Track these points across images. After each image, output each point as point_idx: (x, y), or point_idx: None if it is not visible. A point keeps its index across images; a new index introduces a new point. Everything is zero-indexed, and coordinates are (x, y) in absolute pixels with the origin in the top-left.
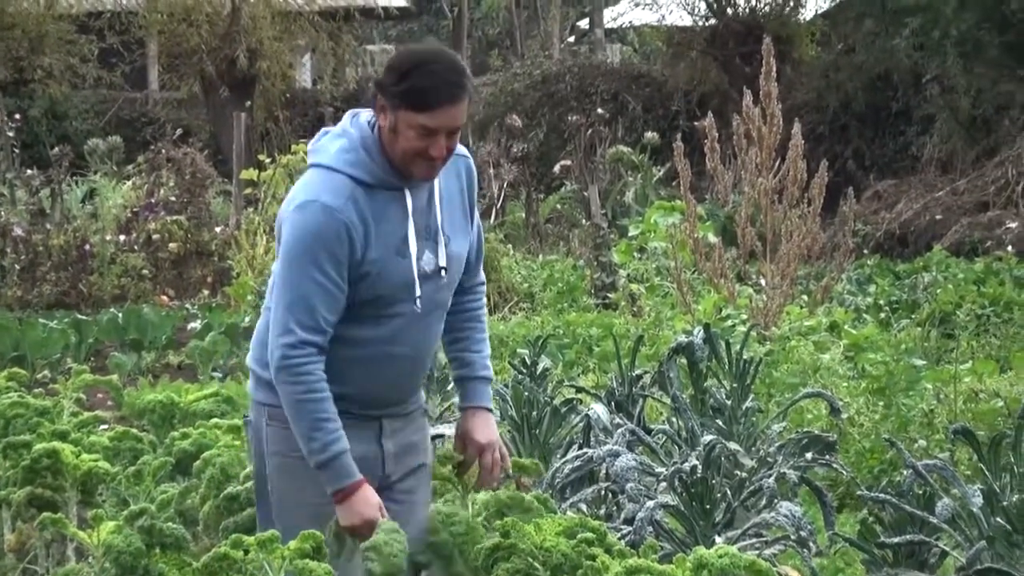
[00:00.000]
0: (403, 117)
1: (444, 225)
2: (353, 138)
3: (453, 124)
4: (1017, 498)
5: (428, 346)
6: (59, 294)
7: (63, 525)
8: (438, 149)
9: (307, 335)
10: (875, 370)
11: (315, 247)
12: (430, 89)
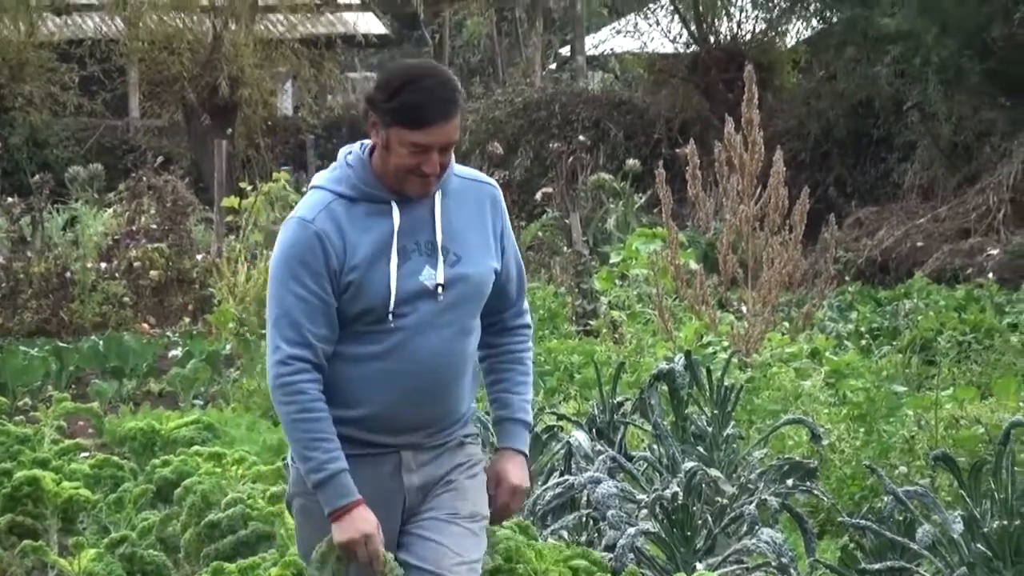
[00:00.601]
0: (395, 134)
1: (448, 243)
2: (342, 159)
3: (446, 140)
4: (998, 524)
5: (439, 367)
6: (40, 321)
7: (44, 553)
8: (431, 165)
9: (294, 350)
10: (856, 397)
11: (292, 261)
12: (423, 106)
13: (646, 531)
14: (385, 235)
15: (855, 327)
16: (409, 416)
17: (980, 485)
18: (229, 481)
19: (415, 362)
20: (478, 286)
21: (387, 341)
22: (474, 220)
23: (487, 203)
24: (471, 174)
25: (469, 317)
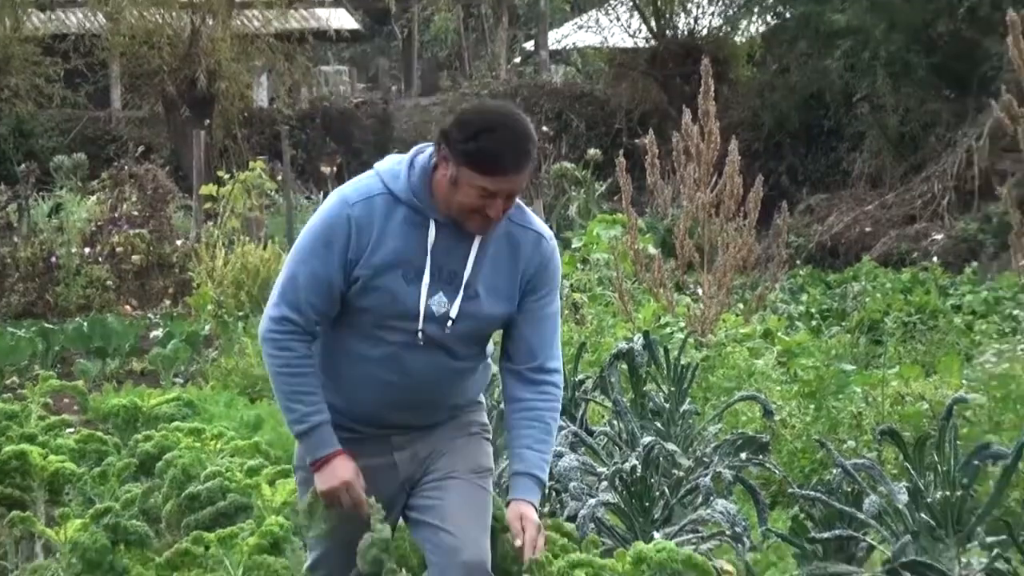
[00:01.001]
0: (466, 174)
1: (473, 279)
2: (407, 159)
3: (513, 189)
4: (940, 495)
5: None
6: (26, 304)
7: (31, 523)
8: (495, 210)
9: (288, 312)
10: (806, 375)
11: (318, 237)
12: (497, 155)
13: (606, 502)
14: (410, 248)
15: (806, 309)
16: (394, 418)
17: (924, 458)
18: (208, 455)
19: (403, 375)
20: (485, 326)
21: (381, 350)
22: (507, 265)
23: (531, 253)
24: (532, 223)
25: (465, 346)
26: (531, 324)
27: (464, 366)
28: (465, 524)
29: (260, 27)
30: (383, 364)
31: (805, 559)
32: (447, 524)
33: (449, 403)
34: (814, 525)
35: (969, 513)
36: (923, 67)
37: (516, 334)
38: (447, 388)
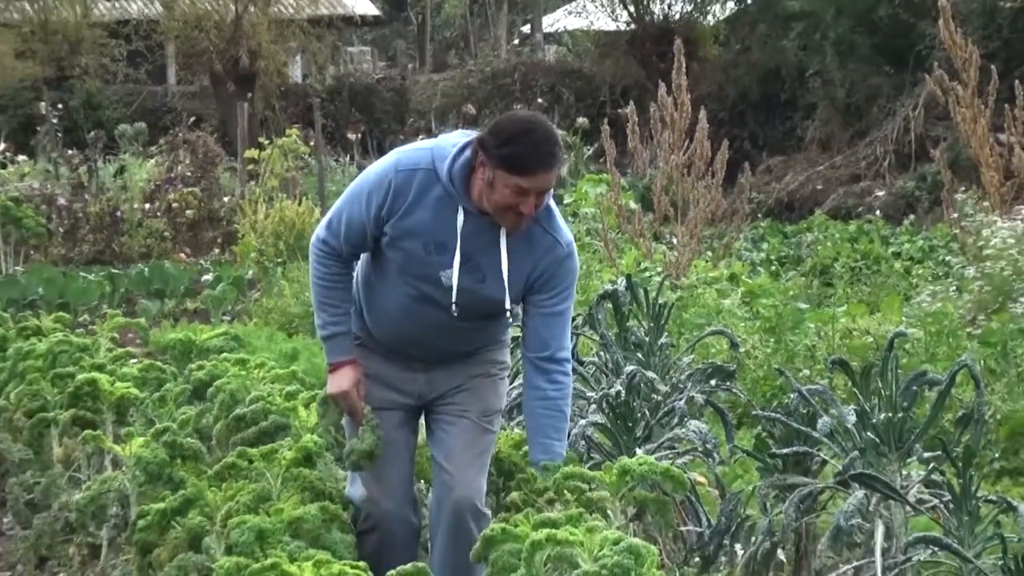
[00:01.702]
0: (501, 176)
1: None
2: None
3: (544, 187)
4: (884, 416)
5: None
6: (96, 252)
7: (101, 441)
8: (528, 207)
9: (329, 238)
10: (767, 312)
11: (365, 188)
12: (529, 156)
13: (595, 423)
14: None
15: (766, 256)
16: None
17: (869, 385)
18: (252, 382)
19: (415, 323)
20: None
21: (400, 298)
22: (529, 263)
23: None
24: (556, 229)
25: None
26: (544, 319)
27: (469, 326)
28: (463, 464)
29: (294, 13)
30: (400, 309)
31: (767, 472)
32: (448, 463)
33: (457, 350)
34: (774, 442)
35: (909, 432)
36: (866, 46)
37: (531, 326)
38: (452, 340)
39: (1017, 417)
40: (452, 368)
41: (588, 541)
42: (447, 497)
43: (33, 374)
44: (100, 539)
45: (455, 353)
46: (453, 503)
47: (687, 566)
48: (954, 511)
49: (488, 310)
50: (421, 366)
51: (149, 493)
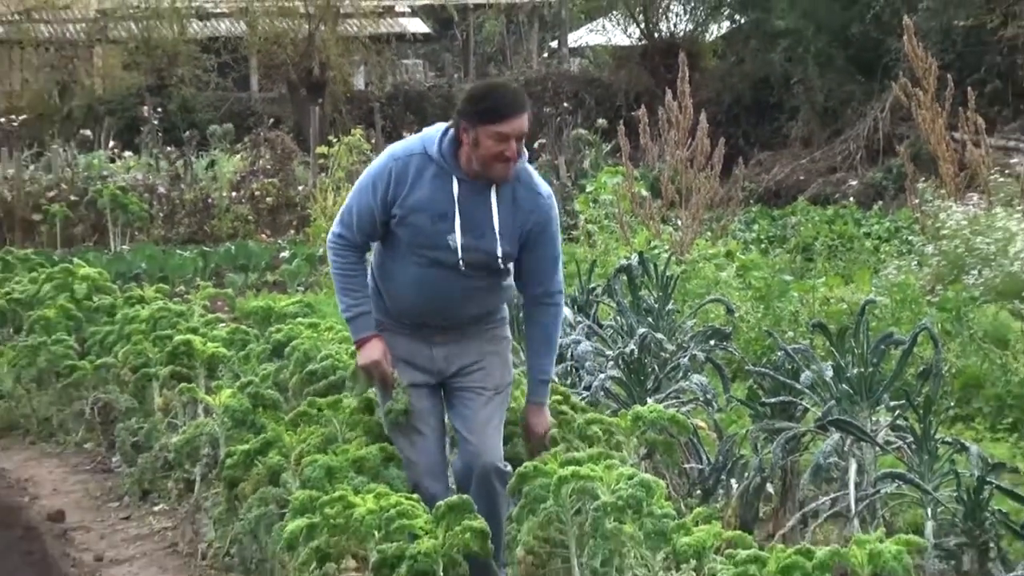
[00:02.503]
0: (483, 130)
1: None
2: (444, 128)
3: (521, 131)
4: (856, 371)
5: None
6: (190, 233)
7: (195, 392)
8: (512, 152)
9: (343, 231)
10: (757, 283)
11: (369, 179)
12: (502, 105)
13: (612, 376)
14: (439, 200)
15: (757, 235)
16: (427, 319)
17: (844, 344)
18: (322, 343)
19: (429, 288)
20: (485, 256)
21: (413, 269)
22: (518, 216)
23: (532, 206)
24: (533, 183)
25: (490, 275)
26: (537, 261)
27: (476, 285)
28: (484, 435)
29: (358, 31)
30: (415, 280)
31: (758, 418)
32: (471, 435)
33: (468, 312)
34: (764, 393)
35: (877, 384)
36: (842, 58)
37: (526, 268)
38: (463, 300)
39: (969, 371)
40: (466, 344)
41: (607, 476)
42: (474, 463)
43: (137, 336)
44: (194, 475)
45: (467, 319)
46: (480, 468)
47: (690, 498)
48: (916, 451)
49: (488, 262)
50: (440, 339)
51: (235, 436)
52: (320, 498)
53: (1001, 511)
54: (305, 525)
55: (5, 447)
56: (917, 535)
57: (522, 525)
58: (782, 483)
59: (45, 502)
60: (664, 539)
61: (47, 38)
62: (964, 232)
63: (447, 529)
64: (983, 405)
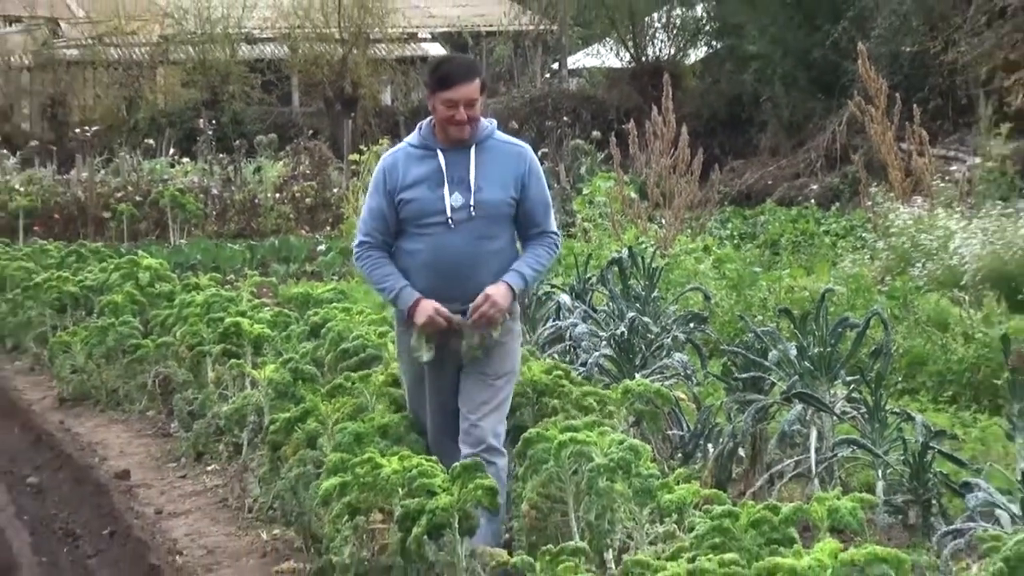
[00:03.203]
0: (437, 97)
1: (477, 179)
2: (420, 125)
3: (468, 97)
4: (817, 351)
5: (463, 258)
6: (239, 229)
7: (243, 367)
8: (460, 115)
9: (364, 237)
10: (731, 274)
11: (373, 184)
12: (449, 74)
13: (605, 354)
14: (430, 172)
15: (730, 232)
16: (446, 290)
17: (806, 327)
18: (354, 324)
19: (445, 255)
20: (495, 207)
21: (427, 241)
22: (500, 167)
23: (515, 158)
24: (510, 140)
25: (489, 227)
26: (532, 205)
27: (485, 245)
28: (483, 415)
29: (386, 55)
30: (428, 250)
31: (731, 391)
32: (472, 415)
33: (481, 278)
34: (736, 369)
35: (835, 362)
36: (805, 79)
37: (522, 214)
38: (474, 262)
39: (914, 351)
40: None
41: (600, 441)
42: (468, 439)
43: (193, 318)
44: (242, 440)
45: (476, 279)
46: (485, 448)
47: (672, 460)
48: (868, 420)
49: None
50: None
51: (278, 406)
52: (351, 459)
53: (942, 472)
54: (338, 483)
55: (78, 414)
56: (869, 493)
57: (526, 483)
58: (752, 448)
59: (113, 463)
60: (650, 496)
61: (116, 60)
62: (910, 230)
63: (461, 487)
64: (926, 380)
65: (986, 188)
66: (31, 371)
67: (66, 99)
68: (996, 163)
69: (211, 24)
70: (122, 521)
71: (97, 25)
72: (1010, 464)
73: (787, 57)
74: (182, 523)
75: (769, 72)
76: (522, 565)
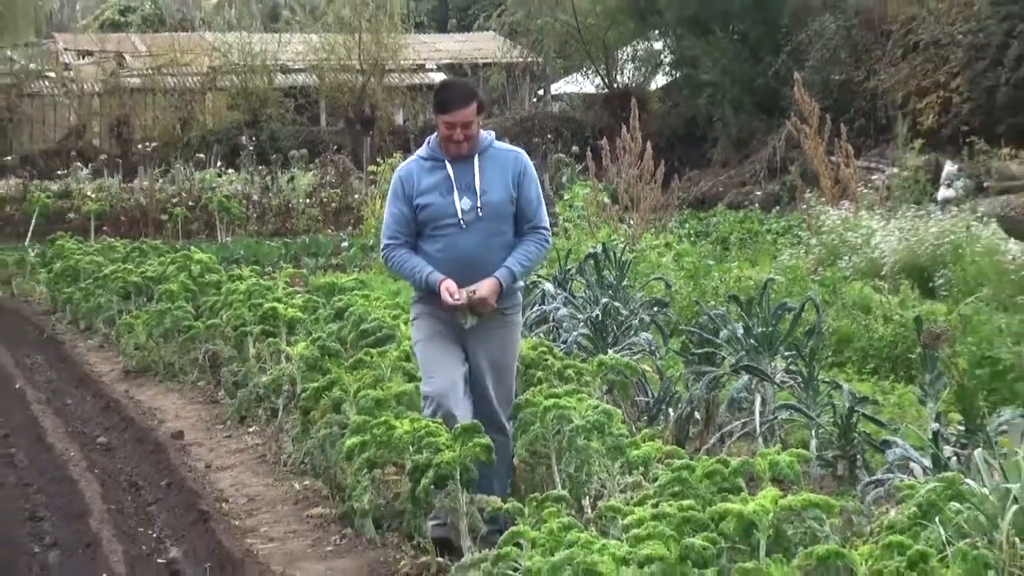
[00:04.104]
0: (438, 118)
1: (481, 184)
2: (428, 139)
3: (464, 120)
4: (760, 330)
5: (475, 255)
6: (275, 229)
7: (279, 345)
8: (457, 135)
9: (388, 240)
10: (688, 266)
11: (392, 193)
12: (445, 100)
13: (582, 333)
14: (441, 180)
15: (688, 231)
16: (461, 279)
17: (751, 310)
18: (372, 309)
19: (460, 252)
20: (497, 207)
21: (443, 241)
22: (500, 171)
23: (512, 162)
24: (506, 147)
25: (496, 225)
26: (526, 203)
27: (493, 240)
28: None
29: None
30: (444, 247)
31: (688, 364)
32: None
33: (490, 268)
34: (693, 346)
35: (775, 340)
36: (750, 103)
37: (519, 210)
38: (486, 256)
39: (842, 331)
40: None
41: (579, 406)
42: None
43: (237, 303)
44: (278, 405)
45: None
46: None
47: (639, 422)
48: (803, 388)
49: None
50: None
51: (308, 377)
52: (370, 422)
53: (865, 432)
54: (359, 441)
55: (140, 384)
56: (804, 450)
57: (517, 442)
58: (706, 412)
59: (169, 425)
60: (620, 452)
61: (172, 87)
62: (838, 229)
63: (462, 444)
64: (852, 355)
65: (902, 194)
66: (101, 348)
67: (130, 120)
68: (910, 173)
69: (252, 57)
70: (177, 474)
71: (156, 58)
72: (922, 425)
73: (735, 84)
74: (227, 476)
75: (720, 97)
76: (513, 510)
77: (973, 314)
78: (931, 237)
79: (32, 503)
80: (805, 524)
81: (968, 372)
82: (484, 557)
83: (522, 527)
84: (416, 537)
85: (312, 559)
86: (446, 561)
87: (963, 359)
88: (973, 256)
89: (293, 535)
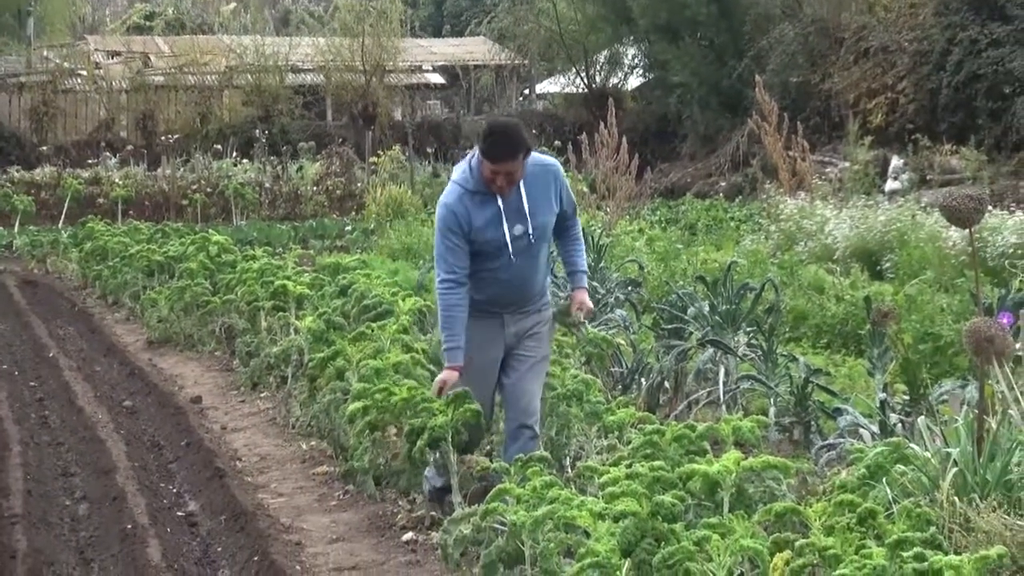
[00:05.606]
0: (484, 161)
1: (530, 208)
2: (465, 166)
3: (508, 171)
4: (724, 308)
5: (526, 276)
6: (286, 213)
7: (288, 318)
8: (500, 182)
9: (445, 275)
10: (659, 250)
11: (442, 227)
12: (492, 151)
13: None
14: (493, 215)
15: (659, 218)
16: (507, 299)
17: (716, 290)
18: (373, 286)
19: (511, 273)
20: (546, 227)
21: (498, 263)
22: (543, 190)
23: (551, 177)
24: (542, 161)
25: (543, 244)
26: (564, 210)
27: (538, 261)
28: (530, 394)
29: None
30: (498, 270)
31: (659, 338)
32: (521, 397)
33: (533, 289)
34: (663, 321)
35: (738, 317)
36: (716, 102)
37: (560, 217)
38: (531, 277)
39: (798, 309)
40: (524, 321)
41: (561, 376)
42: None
43: (250, 281)
44: (287, 373)
45: (532, 295)
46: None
47: (614, 391)
48: (763, 360)
49: (538, 234)
50: (511, 319)
51: (315, 348)
52: (371, 388)
53: (819, 400)
54: (361, 406)
55: (162, 354)
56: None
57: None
58: (675, 381)
59: (188, 390)
60: (598, 418)
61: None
62: (795, 217)
63: (454, 410)
64: (807, 331)
65: (853, 185)
66: (127, 320)
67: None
68: (861, 167)
69: (265, 58)
70: (195, 435)
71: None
72: (871, 395)
73: (702, 86)
74: (241, 437)
75: (688, 97)
76: (500, 469)
77: (917, 294)
78: (879, 225)
79: (64, 460)
80: (764, 484)
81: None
82: (473, 512)
83: (508, 485)
84: (412, 493)
85: (317, 512)
86: (439, 515)
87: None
88: (917, 242)
89: (300, 491)
